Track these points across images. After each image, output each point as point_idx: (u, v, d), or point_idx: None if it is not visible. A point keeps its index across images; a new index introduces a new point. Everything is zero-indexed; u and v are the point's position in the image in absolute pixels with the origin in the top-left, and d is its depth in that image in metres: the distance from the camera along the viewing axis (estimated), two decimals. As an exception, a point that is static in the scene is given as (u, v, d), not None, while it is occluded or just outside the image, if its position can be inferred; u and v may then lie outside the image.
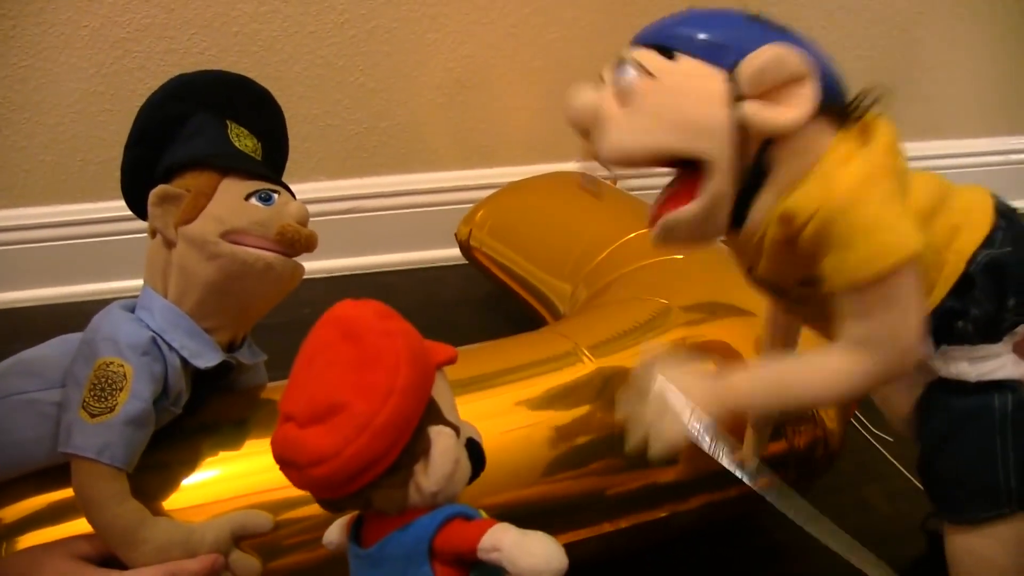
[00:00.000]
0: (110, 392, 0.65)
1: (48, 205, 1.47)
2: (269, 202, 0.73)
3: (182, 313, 0.71)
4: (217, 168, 0.73)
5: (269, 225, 0.72)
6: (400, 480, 0.55)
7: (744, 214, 0.64)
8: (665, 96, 0.62)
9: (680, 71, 0.62)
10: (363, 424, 0.52)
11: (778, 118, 0.59)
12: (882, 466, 1.03)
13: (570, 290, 1.10)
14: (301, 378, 0.56)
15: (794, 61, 0.59)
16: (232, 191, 0.72)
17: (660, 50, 0.63)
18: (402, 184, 1.59)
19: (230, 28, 1.43)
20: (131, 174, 0.76)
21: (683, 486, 0.81)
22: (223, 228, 0.71)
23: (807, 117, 0.59)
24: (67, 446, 0.65)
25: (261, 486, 0.72)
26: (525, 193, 1.38)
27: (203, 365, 0.71)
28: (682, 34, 0.63)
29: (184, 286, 0.71)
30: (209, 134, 0.75)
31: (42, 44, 1.36)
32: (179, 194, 0.71)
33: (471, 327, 1.39)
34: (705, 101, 0.60)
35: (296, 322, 1.06)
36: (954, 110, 1.87)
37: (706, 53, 0.61)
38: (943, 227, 0.65)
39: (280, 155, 0.83)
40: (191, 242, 0.71)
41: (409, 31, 1.50)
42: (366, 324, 0.55)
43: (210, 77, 0.78)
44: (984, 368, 0.66)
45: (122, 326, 0.69)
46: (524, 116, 1.61)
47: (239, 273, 0.71)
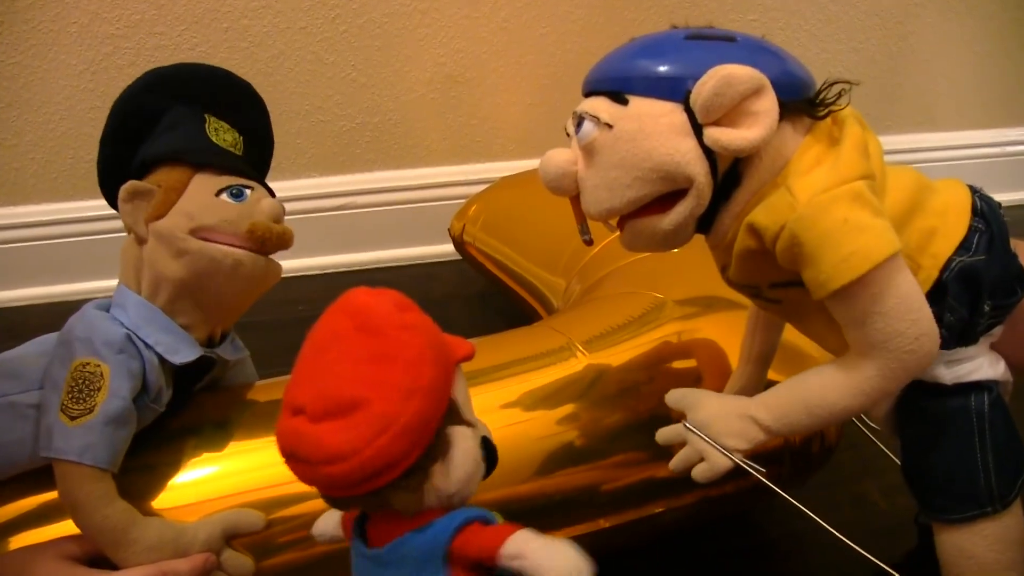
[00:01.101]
0: (88, 393, 0.65)
1: (38, 203, 1.46)
2: (241, 198, 0.72)
3: (156, 309, 0.70)
4: (189, 163, 0.72)
5: (239, 222, 0.71)
6: (417, 482, 0.53)
7: (712, 221, 0.64)
8: (627, 144, 0.61)
9: (635, 115, 0.61)
10: (384, 425, 0.50)
11: (740, 140, 0.58)
12: (879, 460, 1.01)
13: (564, 285, 1.10)
14: (311, 368, 0.53)
15: (743, 78, 0.58)
16: (203, 187, 0.71)
17: (611, 96, 0.63)
18: (394, 180, 1.59)
19: (220, 24, 1.42)
20: (108, 170, 0.75)
21: (678, 482, 0.80)
22: (192, 224, 0.70)
23: (770, 132, 0.58)
24: (48, 450, 0.64)
25: (251, 484, 0.71)
26: (518, 187, 1.37)
27: (179, 361, 0.70)
28: (628, 75, 0.62)
29: (156, 283, 0.70)
30: (185, 128, 0.74)
31: (30, 41, 1.35)
32: (149, 190, 0.70)
33: (465, 323, 1.39)
34: (667, 139, 0.60)
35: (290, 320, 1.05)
36: (948, 102, 1.87)
37: (656, 90, 0.61)
38: (918, 230, 0.64)
39: (264, 149, 0.82)
40: (160, 238, 0.70)
41: (400, 26, 1.50)
42: (384, 316, 0.53)
43: (186, 70, 0.76)
44: (960, 371, 0.66)
45: (96, 325, 0.68)
46: (516, 111, 1.61)
47: (208, 270, 0.70)
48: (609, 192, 0.63)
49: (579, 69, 0.67)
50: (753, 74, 0.58)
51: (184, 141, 0.73)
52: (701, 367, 0.83)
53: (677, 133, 0.60)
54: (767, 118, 0.58)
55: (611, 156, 0.62)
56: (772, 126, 0.58)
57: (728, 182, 0.62)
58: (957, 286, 0.63)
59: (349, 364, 0.52)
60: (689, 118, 0.59)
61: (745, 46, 0.62)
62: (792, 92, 0.61)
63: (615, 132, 0.61)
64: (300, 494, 0.71)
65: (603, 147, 0.62)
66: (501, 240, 1.28)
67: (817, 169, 0.59)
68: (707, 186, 0.60)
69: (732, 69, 0.58)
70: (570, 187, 0.65)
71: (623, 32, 0.66)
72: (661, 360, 0.83)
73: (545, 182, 0.66)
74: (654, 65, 0.61)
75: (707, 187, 0.61)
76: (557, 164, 0.65)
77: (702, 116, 0.59)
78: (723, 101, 0.58)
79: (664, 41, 0.63)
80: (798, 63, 0.63)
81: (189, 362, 0.71)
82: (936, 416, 0.67)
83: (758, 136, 0.58)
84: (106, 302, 0.72)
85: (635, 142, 0.61)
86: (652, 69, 0.61)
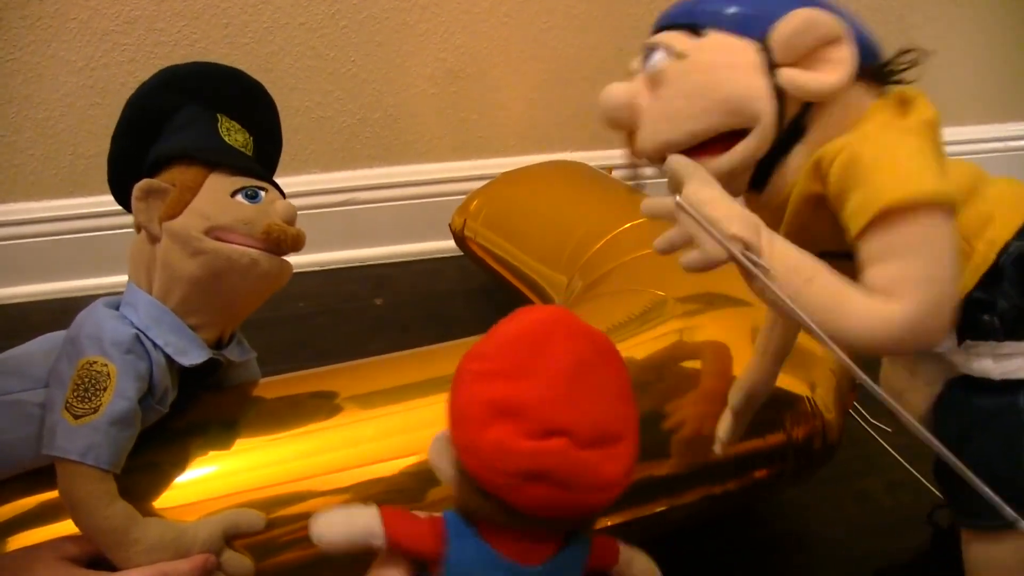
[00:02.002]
0: (94, 392, 0.64)
1: (38, 200, 1.45)
2: (256, 199, 0.72)
3: (166, 309, 0.70)
4: (204, 162, 0.72)
5: (255, 223, 0.71)
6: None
7: (767, 176, 0.62)
8: (699, 75, 0.60)
9: (710, 47, 0.60)
10: (634, 459, 0.56)
11: (817, 83, 0.58)
12: (882, 457, 1.02)
13: (565, 281, 1.09)
14: (570, 394, 0.55)
15: (826, 23, 0.58)
16: (218, 187, 0.71)
17: (687, 29, 0.62)
18: (396, 175, 1.59)
19: (220, 20, 1.41)
20: (118, 166, 0.75)
21: (680, 480, 0.80)
22: (208, 224, 0.69)
23: (847, 79, 0.58)
24: (51, 448, 0.64)
25: (252, 483, 0.71)
26: (520, 182, 1.37)
27: (188, 363, 0.70)
28: (707, 9, 0.61)
29: (168, 282, 0.70)
30: (198, 127, 0.74)
31: (29, 37, 1.35)
32: (164, 188, 0.70)
33: (467, 318, 1.39)
34: (741, 73, 0.59)
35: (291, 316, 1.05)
36: (950, 98, 1.86)
37: (734, 25, 0.60)
38: (975, 214, 0.62)
39: (273, 149, 0.82)
40: (175, 238, 0.70)
41: (401, 21, 1.49)
42: (615, 353, 0.59)
43: (201, 69, 0.76)
44: (1009, 366, 0.62)
45: (105, 324, 0.68)
46: (518, 106, 1.60)
47: (224, 270, 0.70)
48: (669, 123, 0.61)
49: (580, 64, 0.67)
50: (835, 21, 0.58)
51: (198, 140, 0.73)
52: (706, 365, 0.82)
53: (751, 69, 0.59)
54: (844, 65, 0.58)
55: (680, 86, 0.61)
56: (849, 74, 0.58)
57: (791, 134, 0.60)
58: (1014, 271, 0.61)
59: (606, 396, 0.56)
60: (765, 58, 0.59)
61: (825, 5, 0.61)
62: (866, 56, 0.60)
63: (688, 62, 0.60)
64: (302, 492, 0.71)
65: (673, 77, 0.61)
66: (502, 235, 1.28)
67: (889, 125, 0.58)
68: (771, 127, 0.59)
69: (816, 13, 0.58)
70: (629, 119, 0.63)
71: (625, 27, 0.66)
72: (665, 358, 0.82)
73: (603, 111, 0.64)
74: (736, 2, 0.61)
75: (771, 128, 0.59)
76: (618, 94, 0.63)
77: (781, 54, 0.58)
78: (805, 40, 0.58)
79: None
80: (871, 33, 0.63)
81: (197, 364, 0.71)
82: (981, 411, 0.63)
83: (835, 80, 0.58)
84: (115, 300, 0.72)
85: (708, 72, 0.60)
86: (733, 5, 0.61)
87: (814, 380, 0.83)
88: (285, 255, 0.73)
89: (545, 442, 0.53)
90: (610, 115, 0.64)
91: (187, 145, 0.72)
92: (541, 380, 0.54)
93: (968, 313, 0.61)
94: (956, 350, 0.63)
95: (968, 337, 0.62)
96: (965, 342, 0.62)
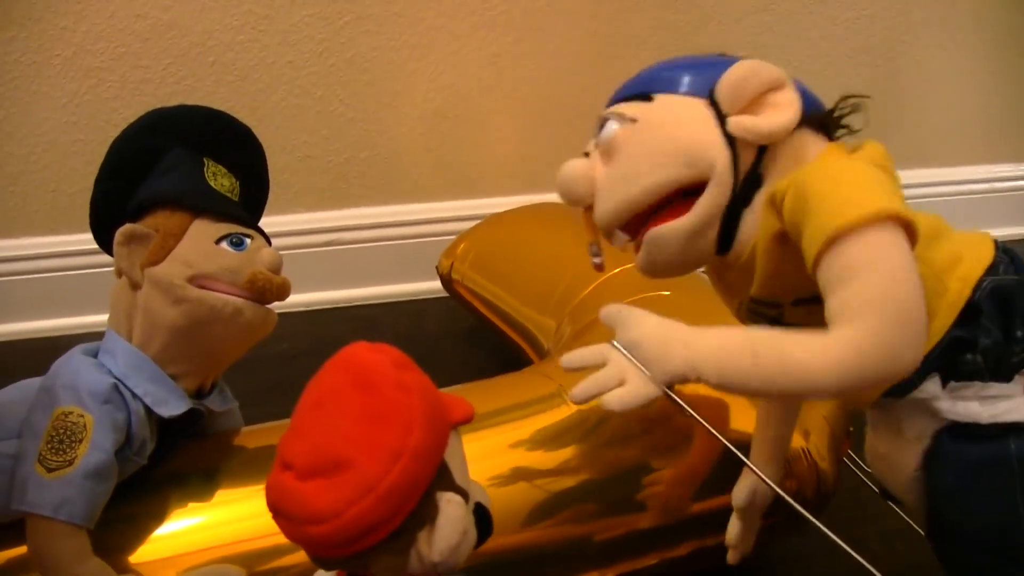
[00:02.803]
0: (69, 444, 0.63)
1: (18, 237, 1.44)
2: (241, 247, 0.71)
3: (146, 358, 0.69)
4: (189, 208, 0.71)
5: (239, 272, 0.70)
6: (401, 546, 0.52)
7: (733, 233, 0.62)
8: (651, 131, 0.62)
9: (661, 107, 0.63)
10: (368, 486, 0.49)
11: (767, 124, 0.60)
12: (876, 504, 1.00)
13: (554, 325, 1.08)
14: (304, 424, 0.53)
15: (769, 70, 0.60)
16: (203, 233, 0.70)
17: (637, 98, 0.64)
18: (383, 216, 1.58)
19: (206, 58, 1.40)
20: (101, 208, 0.74)
21: (671, 532, 0.79)
22: (191, 272, 0.68)
23: (795, 119, 0.60)
24: (22, 503, 0.62)
25: (234, 536, 0.69)
26: (508, 225, 1.36)
27: (167, 414, 0.69)
28: (653, 79, 0.65)
29: (149, 330, 0.69)
30: (184, 171, 0.73)
31: (13, 72, 1.34)
32: (147, 234, 0.69)
33: (454, 361, 1.37)
34: (692, 125, 0.61)
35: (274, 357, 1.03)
36: (938, 138, 1.88)
37: (682, 88, 0.63)
38: (944, 254, 0.61)
39: (260, 195, 0.81)
40: (157, 285, 0.68)
41: (388, 60, 1.49)
42: (381, 374, 0.52)
43: (188, 112, 0.76)
44: (997, 409, 0.61)
45: (83, 372, 0.66)
46: (506, 146, 1.60)
47: (206, 319, 0.69)
48: (625, 183, 0.62)
49: (569, 105, 0.68)
50: (777, 70, 0.61)
51: (183, 184, 0.72)
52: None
53: (702, 121, 0.61)
54: (790, 109, 0.60)
55: (633, 146, 0.62)
56: (795, 116, 0.60)
57: (749, 184, 0.61)
58: (990, 305, 0.60)
59: (340, 421, 0.51)
60: (714, 113, 0.61)
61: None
62: (812, 103, 0.63)
63: (640, 123, 0.63)
64: (285, 546, 0.68)
65: (625, 140, 0.63)
66: (490, 278, 1.27)
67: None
68: (728, 174, 0.60)
69: (758, 62, 0.61)
70: (585, 193, 0.65)
71: (613, 69, 0.67)
72: (655, 409, 0.81)
73: (560, 188, 0.66)
74: (680, 69, 0.64)
75: (728, 175, 0.60)
76: (574, 167, 0.65)
77: (727, 103, 0.61)
78: (749, 87, 0.60)
79: (694, 56, 0.66)
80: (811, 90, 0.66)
81: (176, 416, 0.69)
82: (972, 462, 0.61)
83: (784, 121, 0.60)
84: (94, 347, 0.71)
85: (660, 128, 0.62)
86: (678, 71, 0.64)
87: (808, 428, 0.83)
88: (269, 303, 0.72)
89: (276, 476, 0.53)
90: (567, 188, 0.65)
91: (172, 190, 0.71)
92: (293, 415, 0.54)
93: (950, 354, 0.60)
94: (941, 395, 0.61)
95: (952, 379, 0.61)
96: (950, 384, 0.61)
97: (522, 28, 1.53)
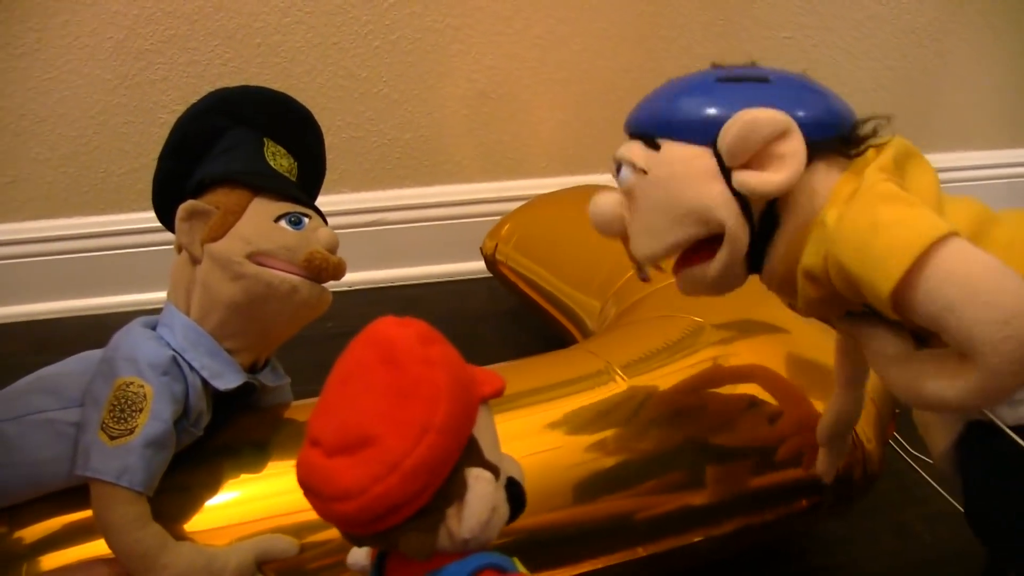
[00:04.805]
0: (130, 413, 0.64)
1: (70, 217, 1.46)
2: (299, 226, 0.71)
3: (204, 332, 0.70)
4: (249, 186, 0.72)
5: (297, 250, 0.70)
6: (430, 524, 0.51)
7: (761, 260, 0.63)
8: (660, 191, 0.62)
9: (667, 160, 0.62)
10: (394, 462, 0.48)
11: (769, 184, 0.58)
12: (922, 489, 1.00)
13: (599, 306, 1.08)
14: (332, 401, 0.52)
15: (767, 122, 0.57)
16: (262, 212, 0.71)
17: (645, 141, 0.63)
18: (426, 196, 1.58)
19: (253, 39, 1.42)
20: (163, 185, 0.75)
21: (717, 509, 0.79)
22: (250, 249, 0.69)
23: (797, 174, 0.58)
24: (85, 469, 0.64)
25: (284, 508, 0.70)
26: (552, 207, 1.36)
27: (223, 387, 0.70)
28: (659, 119, 0.63)
29: (207, 305, 0.70)
30: (244, 150, 0.74)
31: (67, 56, 1.36)
32: (208, 210, 0.70)
33: (497, 341, 1.38)
34: (697, 183, 0.60)
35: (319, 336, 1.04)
36: (982, 121, 1.84)
37: (686, 134, 0.61)
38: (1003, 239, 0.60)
39: (316, 177, 0.82)
40: (216, 260, 0.69)
41: (433, 42, 1.49)
42: (407, 349, 0.51)
43: (251, 93, 0.77)
44: (1020, 412, 0.60)
45: (142, 345, 0.67)
46: (549, 128, 1.60)
47: (263, 295, 0.70)
48: (650, 237, 0.63)
49: (612, 86, 0.68)
50: (776, 117, 0.57)
51: (244, 163, 0.73)
52: (753, 391, 0.81)
53: (707, 177, 0.60)
54: (794, 160, 0.58)
55: (648, 201, 0.63)
56: (799, 168, 0.58)
57: (766, 224, 0.61)
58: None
59: (366, 397, 0.50)
60: (718, 162, 0.59)
61: (778, 86, 0.61)
62: (825, 130, 0.60)
63: (649, 177, 0.62)
64: (334, 518, 0.70)
65: (640, 192, 0.63)
66: (534, 260, 1.27)
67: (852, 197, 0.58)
68: (740, 229, 0.60)
69: (756, 113, 0.57)
70: (619, 230, 0.66)
71: (656, 49, 0.66)
72: (708, 384, 0.81)
73: (594, 225, 0.67)
74: (684, 109, 0.62)
75: (741, 230, 0.60)
76: (604, 208, 0.66)
77: (729, 160, 0.59)
78: (747, 145, 0.58)
79: (696, 84, 0.63)
80: (834, 99, 0.62)
81: (232, 388, 0.70)
82: (999, 457, 0.61)
83: (784, 179, 0.57)
84: (153, 319, 0.72)
85: (667, 187, 0.61)
86: (682, 113, 0.62)
87: (854, 410, 0.82)
88: (325, 283, 0.73)
89: (305, 453, 0.52)
90: (601, 228, 0.67)
91: (232, 168, 0.72)
92: (322, 392, 0.53)
93: None
94: None
95: None
96: None
97: (565, 8, 1.52)
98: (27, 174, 1.42)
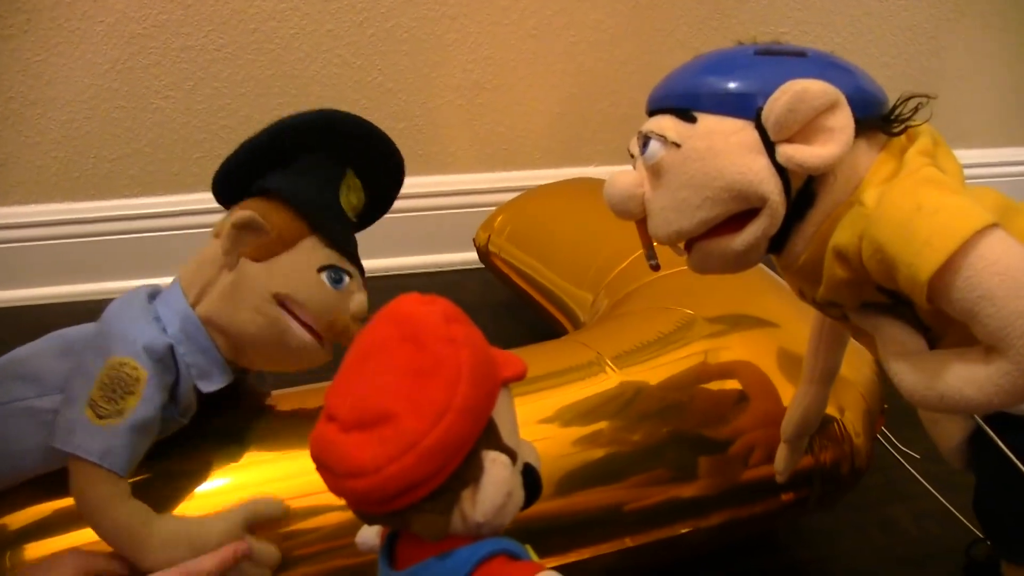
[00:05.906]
0: (121, 395, 0.63)
1: (60, 202, 1.45)
2: (339, 284, 0.70)
3: (201, 327, 0.69)
4: (310, 221, 0.70)
5: (327, 312, 0.70)
6: (444, 505, 0.50)
7: (784, 241, 0.62)
8: (698, 163, 0.59)
9: (705, 133, 0.59)
10: (410, 442, 0.47)
11: (817, 158, 0.56)
12: (909, 485, 1.00)
13: (591, 299, 1.08)
14: (351, 376, 0.51)
15: (817, 93, 0.56)
16: (310, 253, 0.70)
17: (678, 114, 0.61)
18: (420, 186, 1.57)
19: (247, 25, 1.41)
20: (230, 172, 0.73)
21: (705, 501, 0.79)
22: (283, 291, 0.68)
23: (845, 149, 0.56)
24: (67, 444, 0.63)
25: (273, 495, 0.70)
26: (546, 199, 1.36)
27: (207, 389, 0.70)
28: (696, 91, 0.61)
29: (216, 312, 0.69)
30: (320, 177, 0.72)
31: (56, 39, 1.35)
32: (263, 229, 0.69)
33: (489, 333, 1.34)
34: (739, 157, 0.58)
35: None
36: (981, 119, 1.85)
37: (725, 107, 0.59)
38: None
39: (380, 212, 0.82)
40: (245, 282, 0.69)
41: (428, 31, 1.49)
42: (430, 327, 0.50)
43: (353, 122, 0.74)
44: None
45: (141, 326, 0.67)
46: (544, 119, 1.59)
47: (270, 339, 0.69)
48: (678, 213, 0.61)
49: (607, 78, 0.66)
50: (828, 89, 0.56)
51: (315, 194, 0.71)
52: (742, 385, 0.82)
53: (749, 151, 0.58)
54: (843, 134, 0.56)
55: (680, 176, 0.60)
56: (848, 142, 0.56)
57: (802, 201, 0.60)
58: None
59: (386, 375, 0.49)
60: (761, 135, 0.58)
61: (816, 61, 0.60)
62: (866, 108, 0.59)
63: (683, 151, 0.60)
64: (321, 506, 0.70)
65: (671, 167, 0.60)
66: (527, 252, 1.27)
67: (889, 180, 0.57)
68: (781, 205, 0.59)
69: (806, 84, 0.56)
70: (636, 210, 0.64)
71: (653, 42, 0.65)
72: (698, 378, 0.81)
73: (610, 205, 0.65)
74: (723, 81, 0.60)
75: (781, 206, 0.59)
76: (622, 187, 0.63)
77: (775, 133, 0.57)
78: (797, 117, 0.56)
79: (733, 57, 0.62)
80: (870, 79, 0.61)
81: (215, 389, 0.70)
82: (1014, 449, 0.61)
83: (833, 153, 0.56)
84: (156, 289, 0.71)
85: (705, 161, 0.59)
86: (721, 85, 0.60)
87: (843, 403, 0.82)
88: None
89: (320, 427, 0.51)
90: (617, 207, 0.64)
91: (302, 197, 0.70)
92: (340, 367, 0.52)
93: None
94: None
95: None
96: None
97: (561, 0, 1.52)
98: (16, 158, 1.41)
